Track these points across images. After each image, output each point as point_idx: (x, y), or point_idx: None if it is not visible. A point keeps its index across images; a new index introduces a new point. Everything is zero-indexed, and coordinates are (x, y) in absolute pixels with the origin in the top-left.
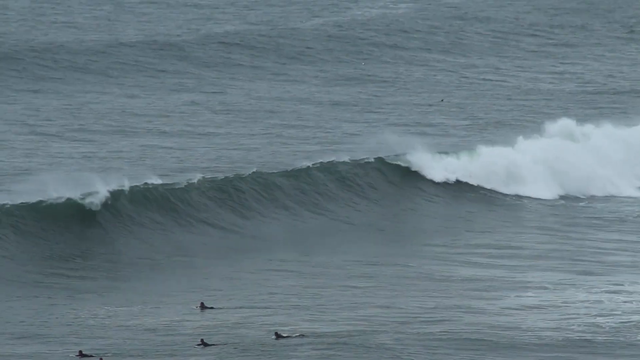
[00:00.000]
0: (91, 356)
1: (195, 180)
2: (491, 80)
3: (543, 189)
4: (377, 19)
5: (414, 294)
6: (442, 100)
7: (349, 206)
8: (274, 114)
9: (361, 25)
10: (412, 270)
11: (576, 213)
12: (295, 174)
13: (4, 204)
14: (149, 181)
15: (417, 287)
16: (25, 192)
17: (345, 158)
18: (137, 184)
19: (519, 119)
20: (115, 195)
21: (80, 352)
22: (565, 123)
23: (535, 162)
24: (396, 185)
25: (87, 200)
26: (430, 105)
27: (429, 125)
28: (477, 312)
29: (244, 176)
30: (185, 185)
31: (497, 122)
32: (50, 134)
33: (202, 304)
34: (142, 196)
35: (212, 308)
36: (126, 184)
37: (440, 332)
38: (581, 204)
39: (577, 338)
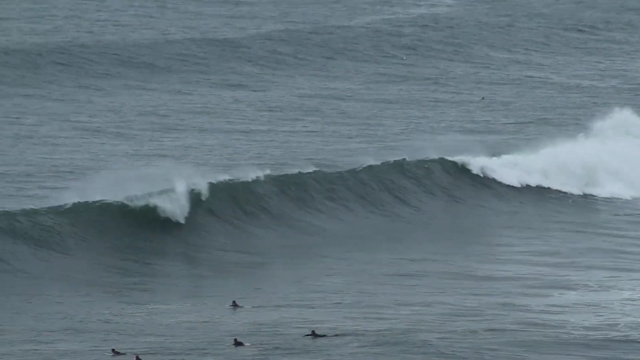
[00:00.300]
0: (124, 354)
1: (262, 176)
2: (532, 77)
3: (595, 187)
4: (426, 17)
5: (457, 292)
6: (483, 98)
7: (404, 204)
8: (317, 111)
9: (407, 23)
10: (455, 267)
11: (618, 210)
12: (353, 171)
13: (64, 203)
14: (218, 177)
15: (460, 285)
16: (81, 190)
17: (405, 157)
18: (211, 180)
19: (562, 115)
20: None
21: (114, 350)
22: (623, 117)
23: (594, 159)
24: (453, 182)
25: (167, 205)
26: (471, 102)
27: (473, 122)
28: (521, 310)
29: (305, 172)
30: (242, 181)
31: (541, 119)
32: (95, 130)
33: (234, 302)
34: (198, 193)
35: (243, 307)
36: (201, 182)
37: (484, 329)
38: (617, 198)
39: (623, 337)
